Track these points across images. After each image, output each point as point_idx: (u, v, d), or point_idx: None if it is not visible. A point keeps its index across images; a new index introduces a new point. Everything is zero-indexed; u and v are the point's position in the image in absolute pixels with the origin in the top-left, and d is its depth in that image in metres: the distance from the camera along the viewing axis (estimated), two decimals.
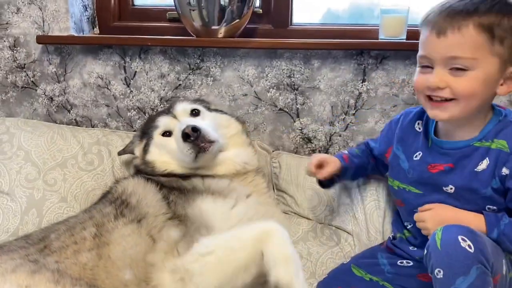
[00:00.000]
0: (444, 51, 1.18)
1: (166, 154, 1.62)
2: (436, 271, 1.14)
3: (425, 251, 1.20)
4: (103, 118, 2.13)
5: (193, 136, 1.50)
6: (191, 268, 1.23)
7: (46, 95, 2.16)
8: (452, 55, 1.17)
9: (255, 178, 1.68)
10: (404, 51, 1.85)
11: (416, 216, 1.33)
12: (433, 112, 1.26)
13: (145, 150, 1.67)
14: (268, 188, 1.74)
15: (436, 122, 1.37)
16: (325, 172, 1.50)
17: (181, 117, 1.65)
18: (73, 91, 2.13)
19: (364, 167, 1.61)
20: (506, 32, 1.16)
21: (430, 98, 1.25)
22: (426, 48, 1.22)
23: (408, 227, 1.46)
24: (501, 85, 1.22)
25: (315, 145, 2.01)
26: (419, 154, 1.37)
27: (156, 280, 1.27)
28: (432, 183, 1.33)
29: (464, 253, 1.11)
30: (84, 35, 2.14)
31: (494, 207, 1.27)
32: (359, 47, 1.87)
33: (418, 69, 1.27)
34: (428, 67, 1.23)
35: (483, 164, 1.24)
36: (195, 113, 1.68)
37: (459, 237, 1.12)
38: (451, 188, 1.30)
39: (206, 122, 1.62)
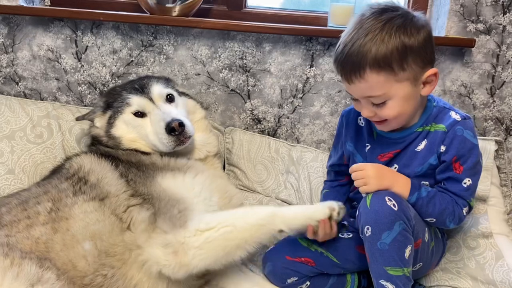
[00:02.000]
0: (359, 93, 1.31)
1: (136, 133, 1.62)
2: (365, 228, 1.28)
3: (357, 213, 1.33)
4: (53, 92, 2.10)
5: (178, 131, 1.53)
6: (189, 242, 1.30)
7: None
8: (366, 95, 1.30)
9: (212, 160, 1.75)
10: None
11: (355, 174, 1.37)
12: (378, 127, 1.42)
13: (110, 123, 1.65)
14: (222, 168, 1.82)
15: None
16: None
17: (157, 101, 1.64)
18: (22, 63, 2.08)
19: (343, 193, 1.64)
20: (402, 57, 1.24)
21: None
22: (347, 89, 1.35)
23: (353, 203, 1.59)
24: (423, 88, 1.33)
25: (264, 126, 2.09)
26: (368, 146, 1.49)
27: (146, 255, 1.33)
28: None
29: (389, 210, 1.25)
30: (34, 6, 2.09)
31: (427, 182, 1.41)
32: (308, 34, 1.95)
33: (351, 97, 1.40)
34: (355, 99, 1.36)
35: (422, 145, 1.39)
36: (169, 98, 1.67)
37: (386, 197, 1.27)
38: (395, 168, 1.43)
39: (181, 111, 1.65)
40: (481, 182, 1.62)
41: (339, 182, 1.65)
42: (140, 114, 1.63)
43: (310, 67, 2.00)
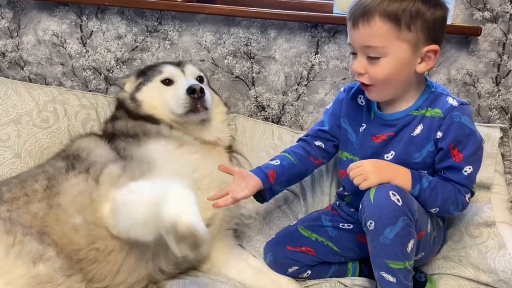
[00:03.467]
0: (359, 40, 1.28)
1: (157, 99, 1.66)
2: (368, 223, 1.27)
3: (360, 206, 1.31)
4: (58, 77, 2.10)
5: (197, 94, 1.58)
6: (116, 202, 1.27)
7: None
8: (364, 44, 1.27)
9: (221, 150, 1.75)
10: None
11: (353, 172, 1.33)
12: (367, 94, 1.39)
13: (138, 88, 1.71)
14: (227, 159, 1.80)
15: None
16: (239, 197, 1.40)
17: (188, 76, 1.71)
18: (27, 47, 2.08)
19: (302, 173, 1.56)
20: (412, 18, 1.24)
21: None
22: (349, 37, 1.33)
23: (348, 194, 1.56)
24: (420, 63, 1.31)
25: (269, 113, 2.08)
26: (363, 126, 1.46)
27: (101, 211, 1.32)
28: (375, 152, 1.42)
29: (393, 205, 1.23)
30: None
31: (425, 171, 1.38)
32: (314, 20, 1.93)
33: (350, 54, 1.37)
34: (354, 54, 1.33)
35: (418, 130, 1.35)
36: (199, 79, 1.74)
37: (390, 192, 1.24)
38: (391, 154, 1.39)
39: (207, 93, 1.67)
40: (485, 170, 1.61)
41: (303, 166, 1.53)
42: (167, 82, 1.68)
43: (315, 54, 1.99)
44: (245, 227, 1.71)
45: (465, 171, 1.33)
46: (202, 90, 1.59)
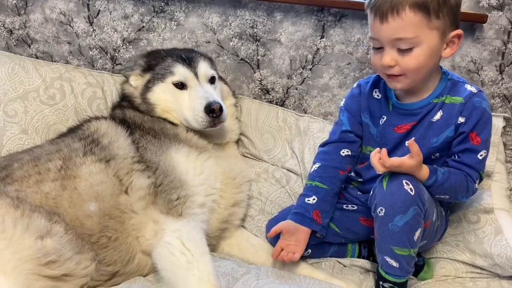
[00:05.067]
0: (389, 34, 1.26)
1: (172, 104, 1.60)
2: (379, 209, 1.27)
3: (371, 193, 1.32)
4: (65, 56, 2.08)
5: (216, 114, 1.53)
6: (163, 235, 1.31)
7: (5, 27, 2.07)
8: (396, 37, 1.25)
9: (231, 144, 1.78)
10: (362, 11, 1.84)
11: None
12: (391, 84, 1.37)
13: (148, 87, 1.63)
14: (237, 150, 1.83)
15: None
16: (297, 255, 1.43)
17: (201, 79, 1.63)
18: (34, 25, 2.05)
19: (338, 191, 1.52)
20: (439, 5, 1.24)
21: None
22: (374, 32, 1.30)
23: (359, 180, 1.56)
24: (445, 49, 1.31)
25: (273, 96, 2.06)
26: (384, 118, 1.45)
27: (138, 220, 1.34)
28: (398, 142, 1.42)
29: (406, 194, 1.23)
30: None
31: (437, 154, 1.40)
32: (320, 4, 1.90)
33: (372, 49, 1.35)
34: (378, 48, 1.31)
35: (437, 115, 1.37)
36: (211, 79, 1.67)
37: (403, 181, 1.25)
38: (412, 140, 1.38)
39: (217, 93, 1.64)
40: (487, 158, 1.61)
41: (336, 186, 1.49)
42: (180, 85, 1.60)
43: (320, 38, 1.96)
44: (248, 207, 1.71)
45: (481, 155, 1.34)
46: (221, 108, 1.54)
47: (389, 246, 1.27)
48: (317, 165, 1.51)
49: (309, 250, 1.50)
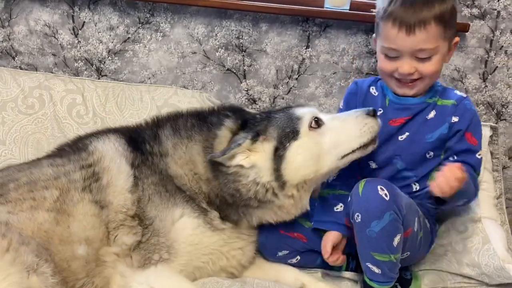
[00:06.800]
0: (413, 45, 1.30)
1: (316, 155, 1.24)
2: (355, 215, 1.24)
3: (349, 198, 1.29)
4: (50, 68, 2.02)
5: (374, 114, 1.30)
6: None
7: None
8: (419, 48, 1.30)
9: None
10: (346, 21, 1.87)
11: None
12: (402, 90, 1.39)
13: (280, 157, 1.23)
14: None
15: None
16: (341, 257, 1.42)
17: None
18: (19, 37, 1.99)
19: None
20: (451, 17, 1.33)
21: (397, 79, 1.37)
22: (395, 43, 1.32)
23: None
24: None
25: (260, 106, 2.01)
26: (381, 111, 1.45)
27: (107, 275, 1.23)
28: (391, 135, 1.43)
29: (380, 199, 1.21)
30: None
31: (432, 153, 1.40)
32: (305, 14, 1.87)
33: (382, 56, 1.38)
34: (394, 57, 1.34)
35: (431, 114, 1.41)
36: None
37: (378, 187, 1.23)
38: (406, 135, 1.41)
39: None
40: None
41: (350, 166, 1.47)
42: (316, 123, 1.26)
43: (306, 48, 1.93)
44: None
45: (479, 154, 1.38)
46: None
47: (368, 252, 1.25)
48: (338, 177, 1.48)
49: (298, 257, 1.46)
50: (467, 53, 1.89)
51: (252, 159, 1.24)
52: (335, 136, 1.27)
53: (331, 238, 1.38)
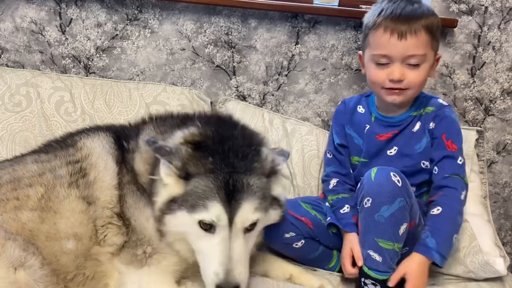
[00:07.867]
0: (404, 51, 1.36)
1: (190, 244, 1.19)
2: (365, 200, 1.26)
3: (359, 185, 1.31)
4: (37, 65, 1.96)
5: None
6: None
7: None
8: (410, 54, 1.36)
9: None
10: (336, 17, 1.85)
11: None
12: (391, 97, 1.42)
13: (170, 208, 1.17)
14: None
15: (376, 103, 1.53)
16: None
17: (236, 230, 1.14)
18: (5, 34, 1.94)
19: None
20: (437, 30, 1.41)
21: (387, 88, 1.41)
22: (387, 49, 1.37)
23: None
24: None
25: (250, 103, 1.98)
26: (367, 126, 1.52)
27: (104, 270, 1.25)
28: (379, 149, 1.48)
29: (393, 185, 1.23)
30: None
31: (427, 163, 1.43)
32: (294, 10, 1.84)
33: (373, 65, 1.42)
34: (384, 64, 1.39)
35: (417, 126, 1.46)
36: (250, 228, 1.17)
37: (391, 173, 1.25)
38: (394, 150, 1.46)
39: (248, 247, 1.19)
40: None
41: (347, 175, 1.56)
42: (209, 228, 1.14)
43: (295, 44, 1.90)
44: None
45: (460, 160, 1.40)
46: None
47: (373, 238, 1.25)
48: (334, 180, 1.54)
49: (303, 241, 1.44)
50: (455, 48, 1.88)
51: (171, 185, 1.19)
52: (202, 249, 1.17)
53: (349, 253, 1.34)
